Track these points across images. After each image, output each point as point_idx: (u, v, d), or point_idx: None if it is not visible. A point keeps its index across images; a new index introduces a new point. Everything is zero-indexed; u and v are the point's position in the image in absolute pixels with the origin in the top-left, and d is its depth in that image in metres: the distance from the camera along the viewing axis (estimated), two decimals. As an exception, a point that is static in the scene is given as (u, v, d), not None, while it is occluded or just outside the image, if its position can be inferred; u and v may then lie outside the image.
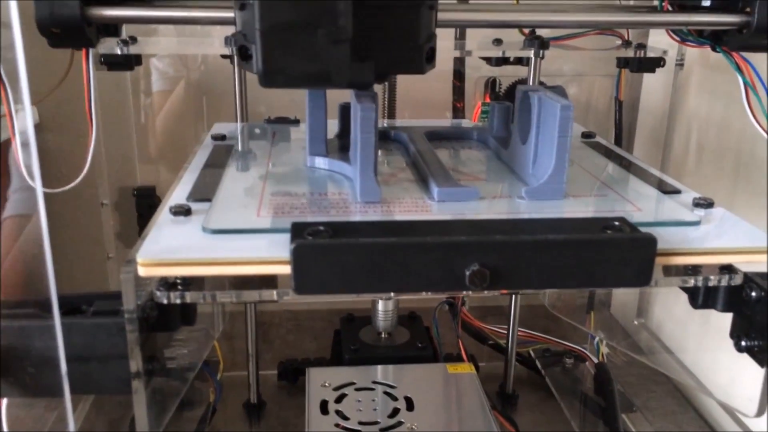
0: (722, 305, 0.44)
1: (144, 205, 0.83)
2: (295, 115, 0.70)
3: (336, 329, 0.90)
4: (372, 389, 0.75)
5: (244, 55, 0.44)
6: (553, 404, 0.90)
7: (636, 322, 1.00)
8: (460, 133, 0.62)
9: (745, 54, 0.58)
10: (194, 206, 0.44)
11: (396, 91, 0.79)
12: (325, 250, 0.36)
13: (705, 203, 0.45)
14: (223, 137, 0.61)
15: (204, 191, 0.47)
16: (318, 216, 0.43)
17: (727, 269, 0.42)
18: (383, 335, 0.85)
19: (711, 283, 0.43)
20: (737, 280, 0.42)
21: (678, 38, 0.58)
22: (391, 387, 0.75)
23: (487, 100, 0.85)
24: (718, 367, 0.84)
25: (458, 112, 0.86)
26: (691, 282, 0.42)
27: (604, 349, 0.91)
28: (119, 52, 0.71)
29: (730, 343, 0.46)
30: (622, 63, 0.81)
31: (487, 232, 0.38)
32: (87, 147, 0.53)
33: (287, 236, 0.39)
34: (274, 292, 0.40)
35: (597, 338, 0.91)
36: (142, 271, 0.37)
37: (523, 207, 0.45)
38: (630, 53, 0.80)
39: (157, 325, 0.40)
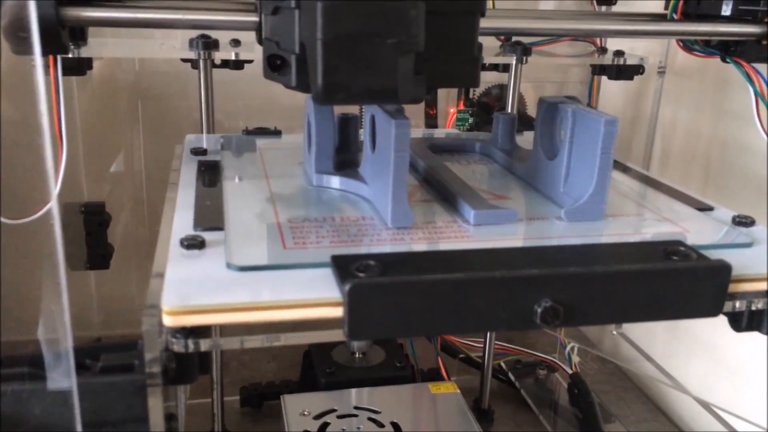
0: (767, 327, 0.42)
1: (93, 222, 0.75)
2: (246, 126, 0.65)
3: (305, 350, 0.85)
4: (355, 416, 0.70)
5: (274, 65, 0.40)
6: (528, 417, 0.88)
7: (614, 332, 0.99)
8: (461, 146, 0.59)
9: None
10: (205, 236, 0.38)
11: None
12: (385, 290, 0.32)
13: (747, 221, 0.44)
14: (204, 152, 0.55)
15: (211, 218, 0.41)
16: (351, 246, 0.38)
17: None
18: (357, 355, 0.80)
19: (758, 307, 0.41)
20: (788, 302, 0.40)
21: (685, 48, 0.57)
22: (375, 412, 0.71)
23: (462, 107, 0.82)
24: (690, 369, 0.85)
25: (431, 119, 0.82)
26: (738, 306, 0.41)
27: (575, 359, 0.90)
28: (71, 55, 0.63)
29: (702, 346, 0.44)
30: (598, 70, 0.80)
31: (550, 262, 0.35)
32: (57, 168, 0.47)
33: (326, 272, 0.35)
34: (312, 333, 0.35)
35: (568, 348, 0.90)
36: (169, 321, 0.31)
37: (566, 229, 0.42)
38: (604, 60, 0.79)
39: (176, 379, 0.35)
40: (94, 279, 0.90)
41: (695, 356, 0.84)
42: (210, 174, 0.50)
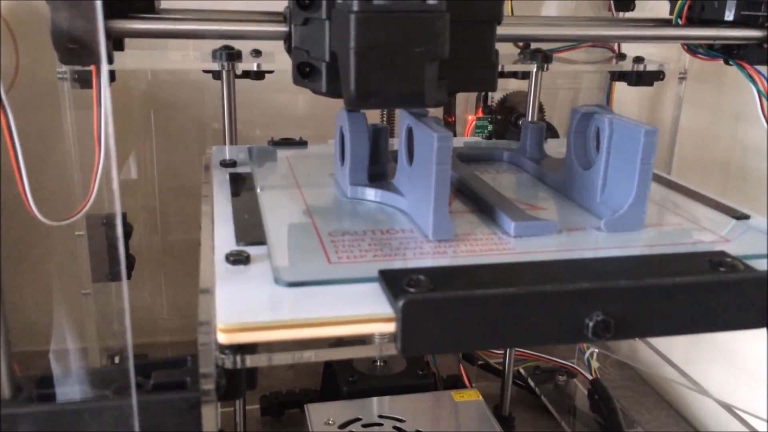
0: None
1: (115, 233, 0.74)
2: (272, 137, 0.65)
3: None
4: (380, 424, 0.70)
5: (304, 72, 0.42)
6: (549, 423, 0.88)
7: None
8: (489, 155, 0.59)
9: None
10: (249, 251, 0.38)
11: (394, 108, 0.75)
12: (438, 305, 0.32)
13: (785, 231, 0.44)
14: (233, 163, 0.55)
15: (252, 232, 0.41)
16: (395, 260, 0.38)
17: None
18: (379, 363, 0.80)
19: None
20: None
21: (689, 51, 0.59)
22: (400, 421, 0.71)
23: (480, 114, 0.82)
24: (710, 374, 0.85)
25: (449, 126, 0.82)
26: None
27: (595, 364, 0.90)
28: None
29: (723, 350, 0.44)
30: (616, 76, 0.80)
31: (599, 275, 0.35)
32: (92, 176, 0.47)
33: (374, 286, 0.35)
34: (363, 348, 0.35)
35: (587, 353, 0.90)
36: (223, 338, 0.31)
37: (607, 240, 0.42)
38: (623, 66, 0.79)
39: (226, 394, 0.35)
40: (113, 290, 0.90)
41: (715, 361, 0.84)
42: (243, 186, 0.50)
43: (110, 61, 0.44)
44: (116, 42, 0.47)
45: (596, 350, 0.90)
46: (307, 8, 0.41)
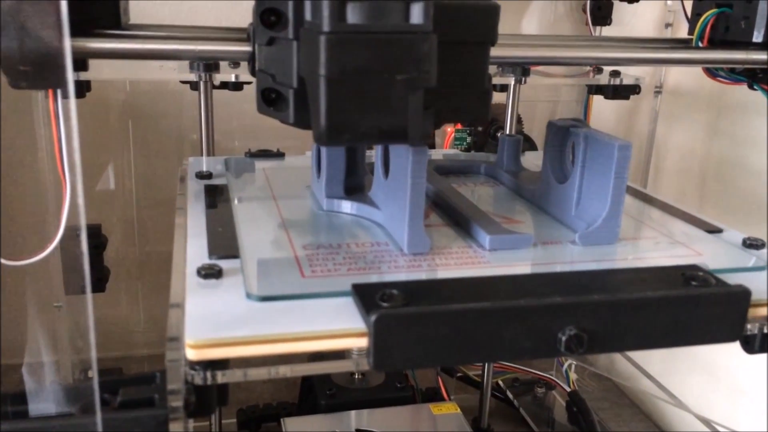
0: (781, 349, 0.43)
1: (89, 245, 0.73)
2: (249, 148, 0.64)
3: (303, 371, 0.84)
4: (358, 439, 0.70)
5: (269, 99, 0.37)
6: (527, 436, 0.88)
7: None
8: (467, 168, 0.59)
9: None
10: (222, 264, 0.38)
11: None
12: (411, 320, 0.32)
13: (757, 244, 0.44)
14: (209, 175, 0.55)
15: (225, 246, 0.40)
16: (369, 273, 0.38)
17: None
18: (357, 376, 0.80)
19: (772, 329, 0.41)
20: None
21: (709, 73, 0.56)
22: (378, 435, 0.70)
23: (459, 126, 0.82)
24: (687, 386, 0.85)
25: (428, 138, 0.82)
26: (751, 329, 0.41)
27: (573, 376, 0.90)
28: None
29: (699, 363, 0.44)
30: (594, 90, 0.81)
31: (573, 289, 0.35)
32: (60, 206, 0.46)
33: (347, 300, 0.34)
34: (340, 362, 0.34)
35: (566, 365, 0.91)
36: (192, 354, 0.31)
37: (582, 254, 0.42)
38: (600, 80, 0.80)
39: (195, 411, 0.34)
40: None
41: (693, 373, 0.85)
42: (218, 198, 0.50)
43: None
44: (79, 62, 0.45)
45: (574, 362, 0.90)
46: (272, 26, 0.36)
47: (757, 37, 0.51)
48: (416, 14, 0.32)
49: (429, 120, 0.36)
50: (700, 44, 0.55)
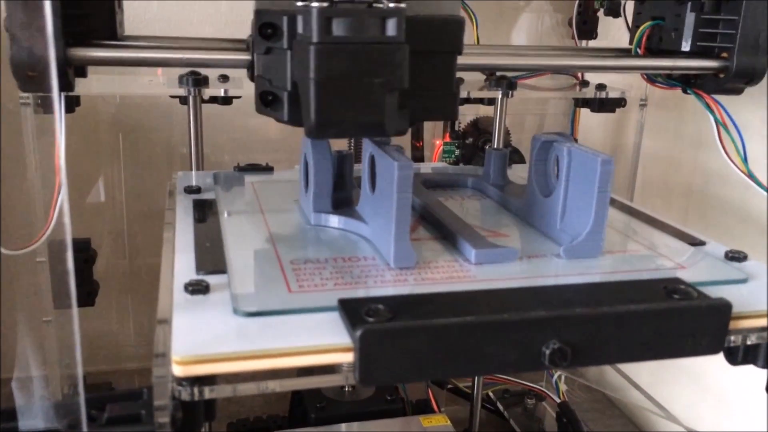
0: (763, 361, 0.43)
1: (79, 259, 0.74)
2: (237, 162, 0.65)
3: (293, 384, 0.84)
4: (348, 451, 0.70)
5: (266, 101, 0.42)
6: (517, 447, 0.88)
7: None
8: (455, 181, 0.59)
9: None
10: (209, 280, 0.38)
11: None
12: (396, 335, 0.32)
13: (739, 256, 0.45)
14: (198, 190, 0.55)
15: (213, 261, 0.41)
16: (356, 288, 0.38)
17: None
18: (347, 389, 0.80)
19: (753, 342, 0.42)
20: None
21: (649, 80, 0.60)
22: (368, 447, 0.70)
23: (447, 139, 0.83)
24: (676, 397, 0.86)
25: (417, 151, 0.83)
26: (734, 341, 0.41)
27: (563, 387, 0.91)
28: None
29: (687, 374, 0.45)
30: (580, 103, 0.82)
31: (557, 303, 0.35)
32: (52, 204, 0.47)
33: (334, 315, 0.35)
34: (330, 377, 0.35)
35: (555, 376, 0.91)
36: (179, 371, 0.31)
37: (566, 267, 0.42)
38: (586, 93, 0.81)
39: (182, 428, 0.34)
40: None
41: (681, 384, 0.85)
42: (206, 213, 0.50)
43: (71, 88, 0.44)
44: (78, 69, 0.47)
45: (564, 374, 0.91)
46: (269, 38, 0.41)
47: (685, 47, 0.57)
48: (391, 27, 0.38)
49: (404, 117, 0.41)
50: (639, 52, 0.61)
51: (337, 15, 0.37)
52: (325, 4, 0.37)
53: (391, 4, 0.38)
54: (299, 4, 0.39)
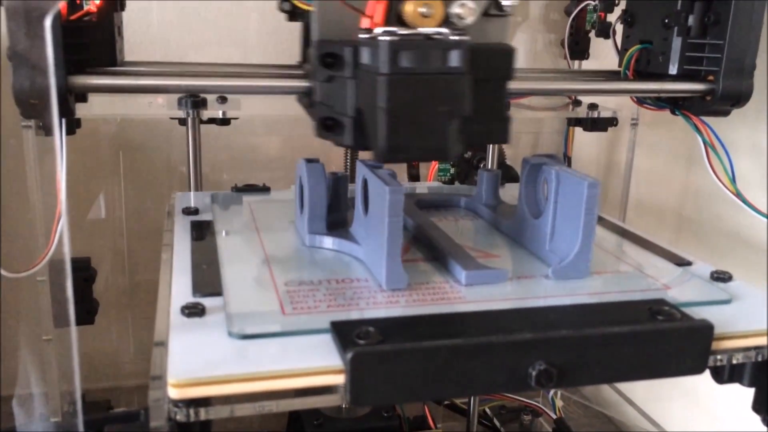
0: (749, 380, 0.44)
1: (79, 278, 0.74)
2: (236, 183, 0.66)
3: (291, 401, 0.84)
4: (345, 468, 0.70)
5: (327, 126, 0.43)
6: (514, 463, 0.89)
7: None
8: (448, 201, 0.61)
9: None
10: (205, 302, 0.39)
11: (357, 153, 0.76)
12: (386, 357, 0.33)
13: (724, 277, 0.45)
14: (196, 211, 0.56)
15: (209, 283, 0.42)
16: (348, 310, 0.39)
17: (756, 347, 0.42)
18: (344, 405, 0.80)
19: (738, 361, 0.42)
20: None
21: (638, 102, 0.62)
22: (364, 464, 0.71)
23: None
24: (670, 413, 0.86)
25: (413, 169, 0.84)
26: (720, 360, 0.42)
27: (559, 403, 0.91)
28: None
29: (682, 390, 0.45)
30: (573, 122, 0.83)
31: (543, 325, 0.36)
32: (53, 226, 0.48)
33: (327, 337, 0.36)
34: (326, 397, 0.35)
35: (551, 392, 0.91)
36: (175, 393, 0.32)
37: (554, 288, 0.43)
38: (579, 113, 0.82)
39: (179, 449, 0.35)
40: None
41: (675, 400, 0.86)
42: (203, 234, 0.51)
43: (71, 114, 0.45)
44: (79, 95, 0.48)
45: (560, 390, 0.91)
46: (330, 66, 0.42)
47: (672, 70, 0.58)
48: (454, 59, 0.39)
49: (462, 143, 0.42)
50: (628, 75, 0.62)
51: (405, 48, 0.38)
52: (394, 38, 0.38)
53: (455, 37, 0.39)
54: (363, 36, 0.40)
